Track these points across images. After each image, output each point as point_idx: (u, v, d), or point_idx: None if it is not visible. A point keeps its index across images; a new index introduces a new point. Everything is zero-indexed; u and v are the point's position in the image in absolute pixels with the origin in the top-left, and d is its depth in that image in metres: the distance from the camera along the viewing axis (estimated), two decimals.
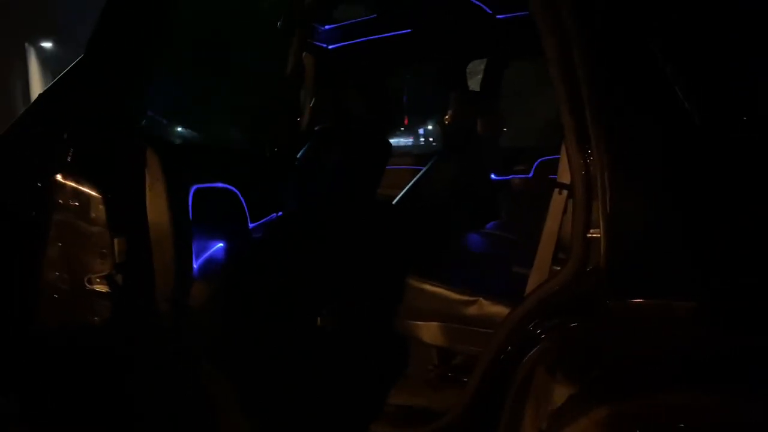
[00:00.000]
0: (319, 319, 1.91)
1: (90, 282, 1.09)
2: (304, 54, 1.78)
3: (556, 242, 1.60)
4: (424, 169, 2.95)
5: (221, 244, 1.45)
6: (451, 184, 2.86)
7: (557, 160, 3.51)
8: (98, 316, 1.10)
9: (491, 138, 3.26)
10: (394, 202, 2.79)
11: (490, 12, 2.59)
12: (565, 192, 1.57)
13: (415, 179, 2.89)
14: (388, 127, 2.30)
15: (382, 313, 1.94)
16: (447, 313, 1.87)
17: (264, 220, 1.67)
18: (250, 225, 1.60)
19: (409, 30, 2.78)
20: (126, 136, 1.14)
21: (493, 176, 3.31)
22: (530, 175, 3.40)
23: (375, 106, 2.25)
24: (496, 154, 3.31)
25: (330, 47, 2.80)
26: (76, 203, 1.11)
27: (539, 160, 3.41)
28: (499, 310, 1.81)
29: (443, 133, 3.12)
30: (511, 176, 3.36)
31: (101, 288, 1.09)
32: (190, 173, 1.23)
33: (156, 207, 1.11)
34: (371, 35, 2.80)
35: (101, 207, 1.09)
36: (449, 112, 3.13)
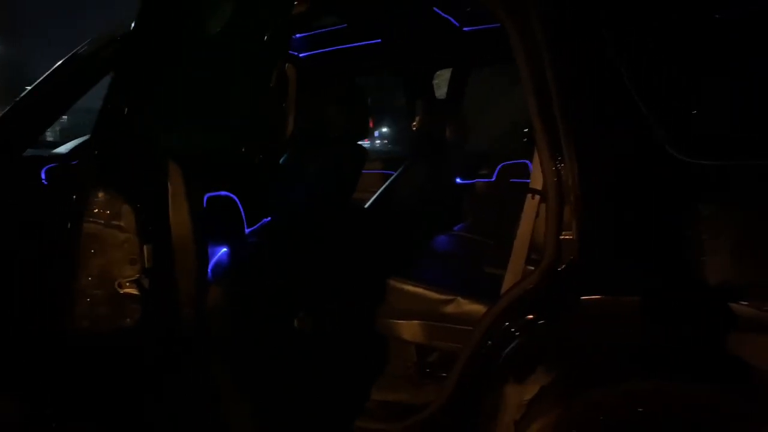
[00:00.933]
0: (296, 320, 1.97)
1: (120, 286, 1.16)
2: (286, 65, 1.86)
3: (530, 244, 1.72)
4: (395, 174, 3.05)
5: (225, 249, 1.52)
6: (421, 188, 2.96)
7: (518, 165, 3.69)
8: (129, 317, 1.16)
9: (457, 143, 3.39)
10: (366, 205, 2.88)
11: (458, 24, 2.71)
12: (537, 197, 1.69)
13: (386, 184, 2.98)
14: (361, 132, 2.39)
15: (363, 313, 2.02)
16: (426, 312, 1.97)
17: (257, 225, 1.74)
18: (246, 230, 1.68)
19: (379, 40, 2.87)
20: (150, 150, 1.20)
21: (458, 180, 3.44)
22: (493, 178, 3.54)
23: (346, 113, 2.34)
24: (461, 159, 3.44)
25: (301, 55, 2.87)
26: (108, 213, 1.16)
27: (501, 165, 3.56)
28: (476, 308, 1.92)
29: (412, 139, 3.23)
30: (475, 180, 3.49)
31: (131, 291, 1.15)
32: (202, 182, 1.29)
33: (178, 215, 1.18)
34: (342, 44, 2.89)
35: (131, 217, 1.15)
36: (417, 118, 3.24)
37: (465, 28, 2.72)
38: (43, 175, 2.12)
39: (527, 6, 1.59)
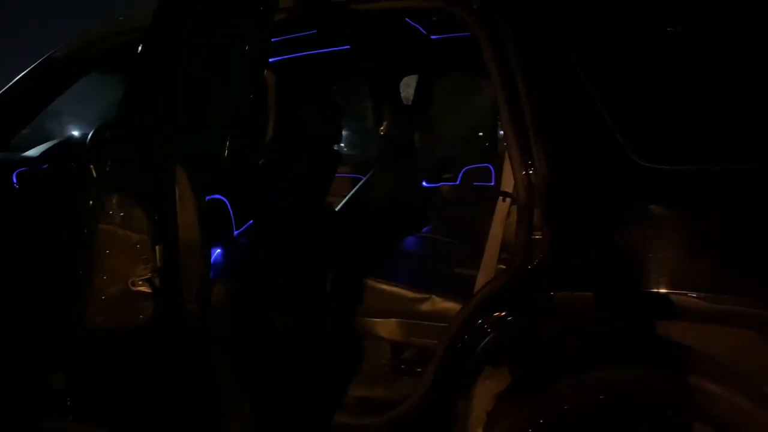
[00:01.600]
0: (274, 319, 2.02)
1: (134, 284, 1.20)
2: (265, 71, 1.91)
3: (501, 244, 1.82)
4: (365, 178, 3.12)
5: (219, 250, 1.56)
6: (390, 191, 3.04)
7: (481, 168, 3.81)
8: (141, 314, 1.21)
9: (424, 148, 3.49)
10: (336, 208, 2.94)
11: (425, 33, 2.80)
12: (508, 199, 1.79)
13: (357, 187, 3.05)
14: (335, 136, 2.46)
15: (342, 312, 2.09)
16: (403, 310, 2.05)
17: (243, 227, 1.79)
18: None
19: (349, 47, 2.94)
20: (160, 155, 1.25)
21: (424, 184, 3.54)
22: (458, 182, 3.65)
23: (318, 117, 2.41)
24: (428, 163, 3.54)
25: (270, 60, 2.91)
26: (122, 215, 1.21)
27: (465, 169, 3.68)
28: (450, 305, 2.01)
29: (380, 144, 3.31)
30: (440, 183, 3.59)
31: (143, 289, 1.20)
32: (202, 185, 1.34)
33: (185, 217, 1.22)
34: (311, 50, 2.94)
35: (144, 219, 1.20)
36: (384, 123, 3.33)
37: (432, 36, 2.81)
38: (14, 179, 2.11)
39: (497, 16, 1.68)
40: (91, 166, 2.21)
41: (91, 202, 1.22)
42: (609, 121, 1.53)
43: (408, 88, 3.81)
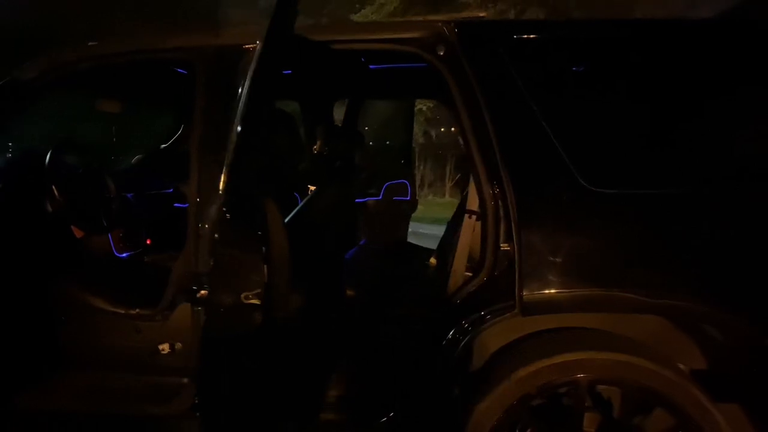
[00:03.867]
0: None
1: (246, 298, 1.33)
2: None
3: (468, 254, 2.09)
4: (307, 197, 3.29)
5: None
6: (332, 206, 3.23)
7: (400, 184, 4.11)
8: (253, 323, 1.33)
9: (356, 165, 3.73)
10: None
11: (364, 60, 3.04)
12: (474, 216, 2.07)
13: (301, 204, 3.20)
14: (297, 154, 2.62)
15: (323, 321, 2.26)
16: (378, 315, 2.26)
17: None
18: None
19: (290, 71, 3.10)
20: (261, 193, 1.40)
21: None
22: (380, 197, 3.94)
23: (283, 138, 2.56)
24: (359, 179, 3.78)
25: None
26: (242, 240, 1.34)
27: (386, 184, 3.98)
28: (422, 311, 2.24)
29: (320, 162, 3.48)
30: (366, 199, 3.86)
31: (254, 301, 1.33)
32: None
33: (276, 238, 1.37)
34: None
35: (256, 243, 1.33)
36: (317, 143, 3.52)
37: (371, 66, 3.06)
38: None
39: (461, 60, 1.96)
40: (53, 186, 2.23)
41: (216, 235, 1.34)
42: (561, 151, 1.85)
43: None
